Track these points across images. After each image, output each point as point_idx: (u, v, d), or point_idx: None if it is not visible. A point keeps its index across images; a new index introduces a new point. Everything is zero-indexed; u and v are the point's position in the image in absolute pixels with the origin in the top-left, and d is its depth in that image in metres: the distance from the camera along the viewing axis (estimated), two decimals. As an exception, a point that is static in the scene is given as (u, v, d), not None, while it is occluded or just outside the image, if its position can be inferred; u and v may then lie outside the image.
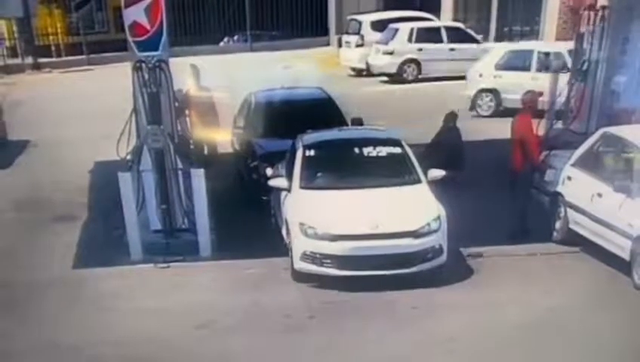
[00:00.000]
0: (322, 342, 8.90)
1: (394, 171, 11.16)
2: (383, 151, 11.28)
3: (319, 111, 14.26)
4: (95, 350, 8.88)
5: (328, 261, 9.97)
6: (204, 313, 9.71)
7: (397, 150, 11.25)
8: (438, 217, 10.21)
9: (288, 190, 10.95)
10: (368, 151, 11.33)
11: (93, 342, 9.07)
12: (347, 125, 14.07)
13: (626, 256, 9.93)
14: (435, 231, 10.16)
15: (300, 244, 10.17)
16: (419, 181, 10.85)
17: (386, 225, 10.02)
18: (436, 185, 10.99)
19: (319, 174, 11.26)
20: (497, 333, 8.95)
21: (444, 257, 10.23)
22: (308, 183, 10.99)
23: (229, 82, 18.47)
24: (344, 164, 11.49)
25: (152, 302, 10.09)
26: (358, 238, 10.00)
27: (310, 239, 10.09)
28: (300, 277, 10.34)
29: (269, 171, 12.23)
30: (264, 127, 13.85)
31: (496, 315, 9.41)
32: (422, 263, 10.12)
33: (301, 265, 10.18)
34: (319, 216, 10.29)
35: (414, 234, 10.03)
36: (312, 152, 11.40)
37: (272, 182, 11.38)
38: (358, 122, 14.17)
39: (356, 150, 11.46)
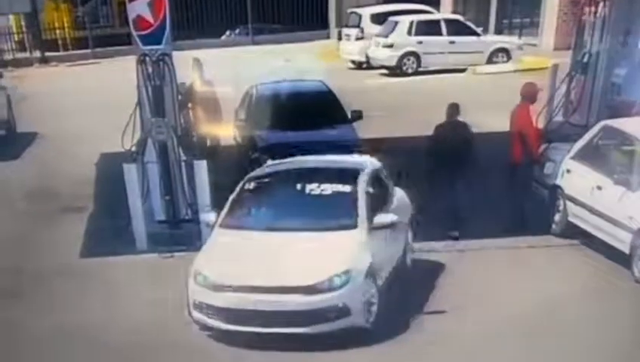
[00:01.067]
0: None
1: (332, 213, 9.36)
2: (329, 189, 9.57)
3: (320, 103, 14.07)
4: (102, 337, 8.81)
5: (213, 312, 8.54)
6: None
7: (346, 188, 9.51)
8: (347, 272, 8.35)
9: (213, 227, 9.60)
10: (311, 188, 9.64)
11: (100, 329, 9.00)
12: (348, 117, 13.86)
13: (625, 249, 9.75)
14: (339, 288, 8.29)
15: (190, 292, 8.79)
16: (354, 226, 9.00)
17: (282, 277, 8.39)
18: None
19: (247, 211, 9.78)
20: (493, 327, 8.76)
21: (355, 318, 8.35)
22: (229, 221, 9.51)
23: (231, 75, 18.29)
24: (280, 203, 9.99)
25: (156, 291, 9.95)
26: (244, 290, 8.37)
27: (199, 286, 8.66)
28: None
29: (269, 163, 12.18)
30: (265, 120, 13.63)
31: (493, 307, 9.23)
32: (320, 323, 8.26)
33: (194, 315, 8.76)
34: (216, 261, 8.87)
35: (308, 290, 8.24)
36: (251, 185, 10.10)
37: (202, 217, 10.22)
38: (357, 115, 13.97)
39: (299, 186, 9.78)
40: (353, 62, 27.70)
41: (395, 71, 25.32)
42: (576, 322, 8.76)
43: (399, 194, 10.47)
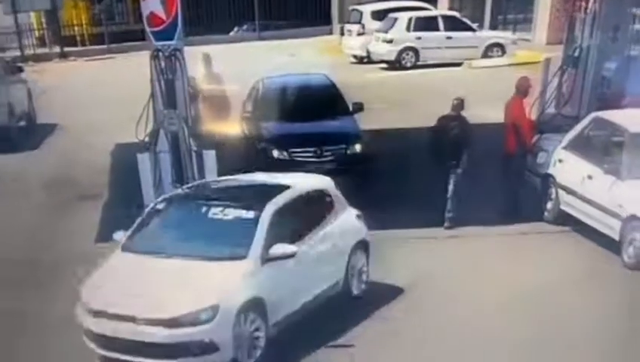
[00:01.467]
0: None
1: (226, 241, 8.21)
2: (231, 214, 8.40)
3: (323, 96, 13.95)
4: None
5: (91, 337, 7.82)
6: None
7: (248, 214, 8.29)
8: (215, 307, 7.35)
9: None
10: (214, 213, 8.50)
11: None
12: (349, 109, 13.70)
13: (615, 235, 9.67)
14: (204, 322, 7.33)
15: (77, 314, 8.00)
16: (243, 257, 7.84)
17: (145, 307, 7.49)
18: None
19: (144, 235, 8.63)
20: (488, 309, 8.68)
21: (224, 355, 7.45)
22: (127, 244, 8.55)
23: (239, 69, 18.16)
24: (177, 227, 8.82)
25: None
26: (111, 317, 7.62)
27: (82, 309, 7.92)
28: None
29: (275, 153, 12.20)
30: (271, 112, 13.50)
31: (487, 291, 9.12)
32: (185, 357, 7.46)
33: (84, 338, 7.99)
34: (96, 285, 8.02)
35: (170, 323, 7.36)
36: (160, 206, 9.06)
37: (114, 235, 9.05)
38: (359, 107, 13.77)
39: (204, 209, 8.65)
40: (355, 56, 27.47)
41: (395, 65, 25.10)
42: (567, 306, 8.66)
43: (345, 217, 9.20)
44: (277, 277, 7.87)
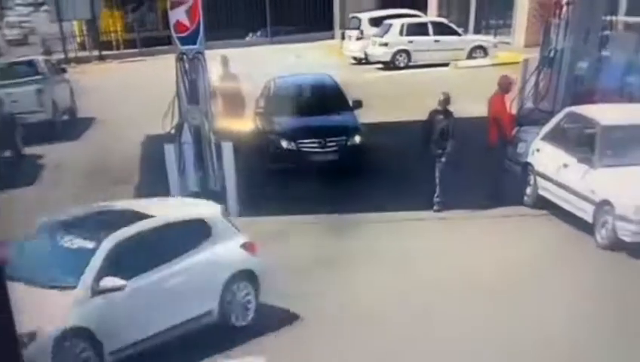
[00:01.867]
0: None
1: (65, 270, 7.13)
2: (76, 244, 7.36)
3: (327, 93, 13.73)
4: None
5: None
6: None
7: (89, 244, 7.21)
8: (32, 334, 6.27)
9: None
10: (66, 241, 7.50)
11: None
12: (349, 106, 13.37)
13: (589, 218, 9.37)
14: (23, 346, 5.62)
15: None
16: (74, 286, 6.82)
17: None
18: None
19: (20, 259, 7.11)
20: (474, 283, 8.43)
21: None
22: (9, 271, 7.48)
23: (254, 69, 17.88)
24: (39, 253, 7.63)
25: None
26: None
27: None
28: None
29: (284, 144, 12.04)
30: (281, 107, 13.23)
31: (473, 267, 8.85)
32: None
33: None
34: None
35: None
36: (39, 231, 7.83)
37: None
38: (358, 104, 13.45)
39: (60, 237, 7.58)
40: (354, 58, 27.05)
41: (389, 65, 24.70)
42: (544, 280, 8.38)
43: (223, 248, 7.81)
44: (109, 308, 6.84)
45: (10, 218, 10.34)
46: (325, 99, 13.38)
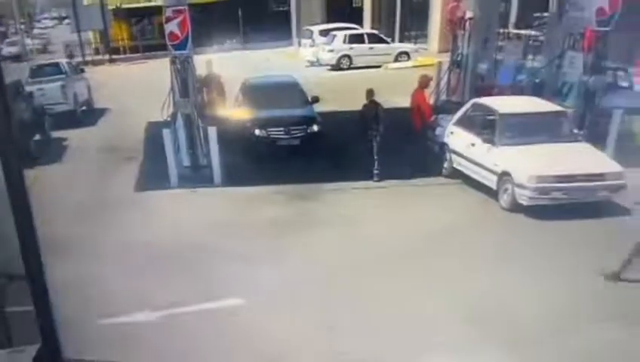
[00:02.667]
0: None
1: None
2: None
3: (291, 91, 12.93)
4: (147, 242, 8.07)
5: None
6: (218, 221, 8.88)
7: None
8: None
9: None
10: None
11: (146, 238, 8.26)
12: (309, 100, 12.57)
13: (493, 186, 9.04)
14: None
15: None
16: None
17: None
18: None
19: None
20: (405, 238, 8.06)
21: None
22: None
23: (232, 69, 17.14)
24: None
25: (185, 213, 9.31)
26: None
27: None
28: None
29: (257, 132, 11.48)
30: (254, 102, 12.45)
31: (403, 226, 8.50)
32: None
33: None
34: None
35: None
36: None
37: None
38: (316, 99, 12.64)
39: None
40: (308, 61, 26.26)
41: (336, 67, 24.05)
42: (459, 234, 8.05)
43: None
44: None
45: (44, 188, 9.85)
46: (289, 95, 12.62)
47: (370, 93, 10.67)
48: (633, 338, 5.52)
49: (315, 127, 11.75)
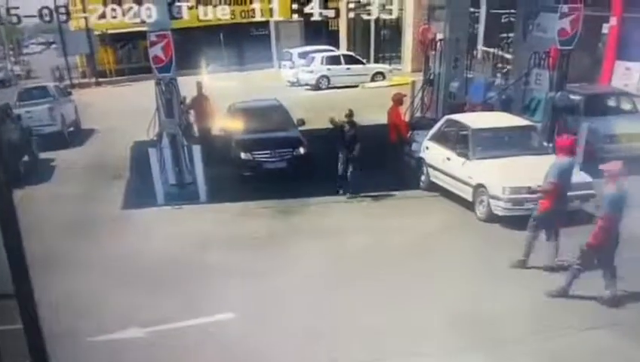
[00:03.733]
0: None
1: None
2: None
3: (276, 114, 12.53)
4: (134, 259, 7.98)
5: None
6: (204, 236, 8.76)
7: None
8: None
9: None
10: None
11: (137, 253, 8.18)
12: (294, 122, 12.18)
13: (469, 198, 9.09)
14: None
15: None
16: None
17: None
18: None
19: None
20: (386, 247, 8.13)
21: None
22: None
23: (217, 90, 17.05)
24: None
25: (171, 230, 9.16)
26: None
27: None
28: None
29: (242, 155, 11.18)
30: (241, 126, 12.04)
31: (384, 236, 8.52)
32: None
33: None
34: None
35: None
36: None
37: None
38: (301, 122, 12.20)
39: None
40: (289, 82, 26.33)
41: (315, 87, 24.09)
42: (437, 244, 8.09)
43: None
44: None
45: (33, 207, 9.75)
46: (275, 118, 12.28)
47: (350, 112, 10.40)
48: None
49: (302, 150, 11.38)
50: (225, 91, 16.68)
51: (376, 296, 6.68)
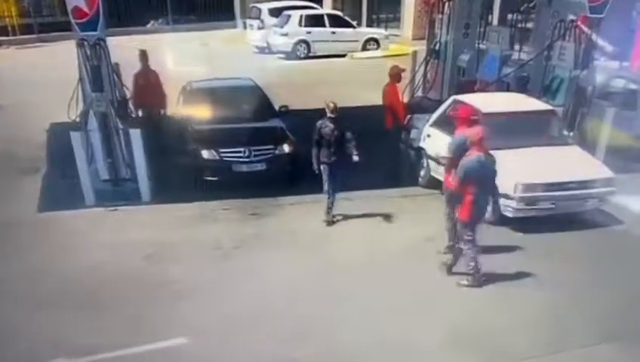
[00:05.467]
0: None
1: None
2: None
3: (250, 99, 12.44)
4: (60, 276, 8.49)
5: None
6: (148, 246, 9.28)
7: None
8: None
9: None
10: None
11: (58, 270, 8.65)
12: (275, 111, 12.05)
13: (475, 197, 9.93)
14: None
15: None
16: None
17: None
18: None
19: None
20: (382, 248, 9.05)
21: None
22: None
23: (161, 57, 17.43)
24: None
25: (105, 238, 9.61)
26: None
27: None
28: None
29: (205, 154, 11.00)
30: (201, 113, 11.85)
31: (380, 237, 9.43)
32: None
33: None
34: None
35: None
36: None
37: None
38: (285, 109, 12.15)
39: None
40: (257, 47, 26.97)
41: (291, 56, 24.81)
42: (438, 244, 8.95)
43: None
44: None
45: None
46: (248, 105, 12.14)
47: (334, 108, 9.70)
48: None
49: (287, 147, 11.12)
50: (170, 60, 16.98)
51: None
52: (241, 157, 10.90)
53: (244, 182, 10.87)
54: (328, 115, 9.63)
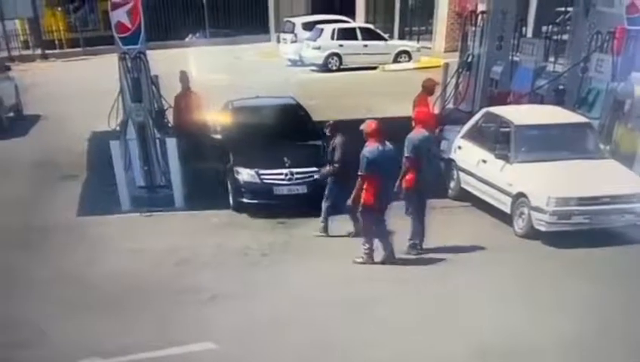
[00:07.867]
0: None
1: None
2: None
3: (292, 119, 11.71)
4: (95, 280, 8.39)
5: None
6: (181, 252, 9.20)
7: None
8: None
9: None
10: None
11: (93, 274, 8.59)
12: (319, 132, 10.84)
13: (507, 209, 9.58)
14: None
15: None
16: None
17: None
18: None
19: None
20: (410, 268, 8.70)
21: None
22: None
23: (197, 68, 17.47)
24: None
25: (139, 243, 9.59)
26: None
27: None
28: None
29: (243, 175, 10.50)
30: (241, 136, 11.26)
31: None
32: None
33: None
34: None
35: None
36: None
37: None
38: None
39: None
40: (290, 60, 26.89)
41: (323, 68, 24.67)
42: (471, 266, 8.59)
43: None
44: None
45: None
46: (290, 125, 11.39)
47: (334, 126, 9.67)
48: None
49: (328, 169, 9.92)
50: (204, 71, 17.01)
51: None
52: (282, 179, 10.40)
53: (283, 205, 10.40)
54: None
